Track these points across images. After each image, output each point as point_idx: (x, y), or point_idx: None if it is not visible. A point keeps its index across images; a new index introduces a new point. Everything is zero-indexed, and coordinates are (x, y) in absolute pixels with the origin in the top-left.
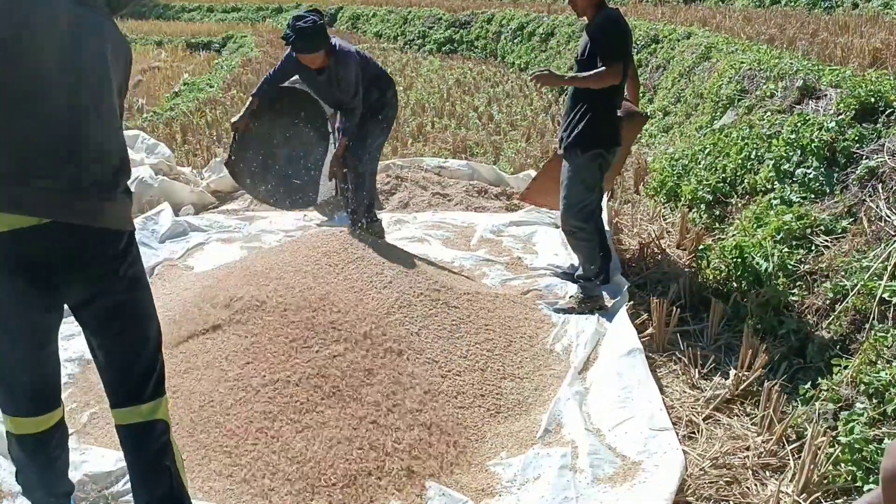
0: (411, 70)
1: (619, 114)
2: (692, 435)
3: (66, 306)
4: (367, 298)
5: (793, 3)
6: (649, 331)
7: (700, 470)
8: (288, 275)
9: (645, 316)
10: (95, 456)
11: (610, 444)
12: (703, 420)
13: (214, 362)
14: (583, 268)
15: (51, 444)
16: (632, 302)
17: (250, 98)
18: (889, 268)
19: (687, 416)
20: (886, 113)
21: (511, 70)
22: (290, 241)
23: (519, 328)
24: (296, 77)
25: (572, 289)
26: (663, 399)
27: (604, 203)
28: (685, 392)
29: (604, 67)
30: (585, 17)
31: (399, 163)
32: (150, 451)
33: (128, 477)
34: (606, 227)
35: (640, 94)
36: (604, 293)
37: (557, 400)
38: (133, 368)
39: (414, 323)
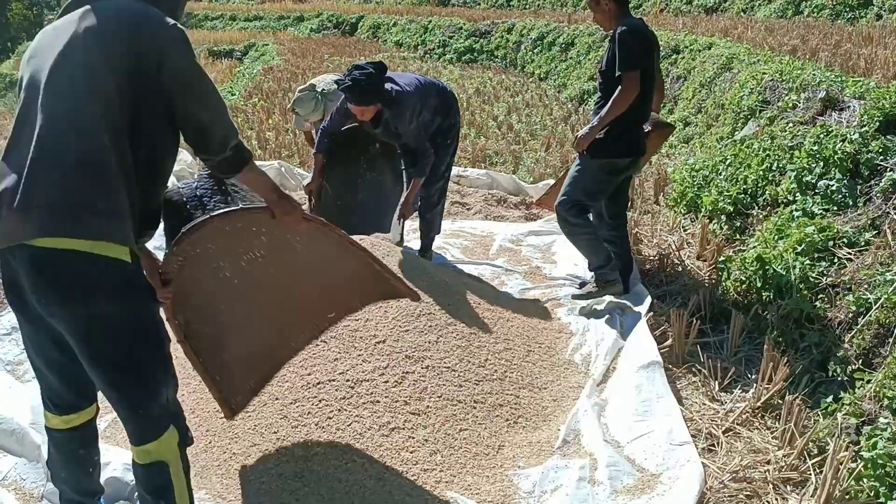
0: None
1: (646, 126)
2: (712, 448)
3: None
4: (388, 306)
5: (815, 14)
6: (669, 342)
7: (720, 483)
8: None
9: (665, 327)
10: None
11: (629, 456)
12: (723, 433)
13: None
14: (589, 261)
15: (74, 443)
16: (651, 313)
17: (314, 157)
18: None
19: (707, 428)
20: None
21: (531, 79)
22: None
23: (538, 338)
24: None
25: (589, 297)
26: (683, 411)
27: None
28: (705, 405)
29: (618, 90)
30: (606, 29)
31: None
32: (144, 490)
33: None
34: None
35: (661, 105)
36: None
37: (576, 411)
38: (117, 406)
39: (433, 332)
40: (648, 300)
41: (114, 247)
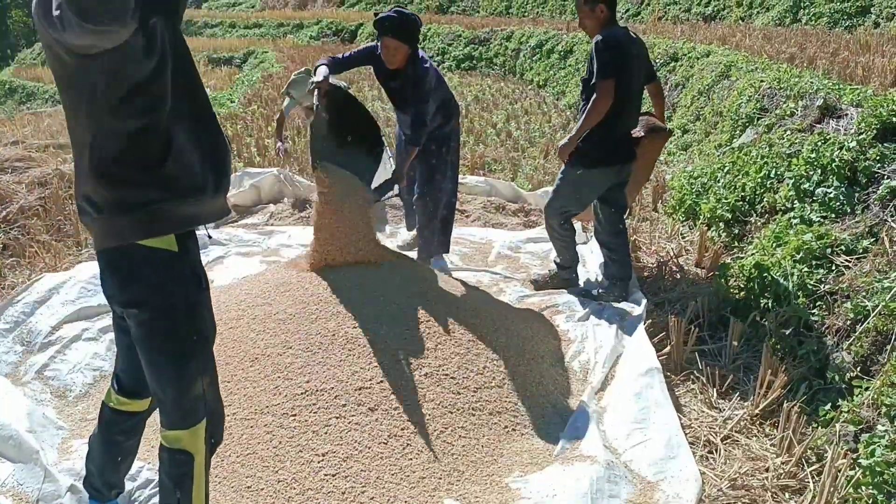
0: None
1: (636, 131)
2: (710, 455)
3: None
4: (385, 312)
5: (813, 22)
6: (667, 349)
7: (718, 490)
8: (305, 289)
9: (663, 334)
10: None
11: (627, 463)
12: (722, 440)
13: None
14: (561, 259)
15: (118, 426)
16: (650, 320)
17: (319, 65)
18: None
19: (705, 436)
20: None
21: (530, 87)
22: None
23: (536, 345)
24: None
25: (591, 305)
26: (681, 419)
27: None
28: (703, 412)
29: (592, 99)
30: (590, 37)
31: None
32: (166, 476)
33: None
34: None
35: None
36: (578, 278)
37: (575, 418)
38: (155, 390)
39: (431, 339)
40: (646, 307)
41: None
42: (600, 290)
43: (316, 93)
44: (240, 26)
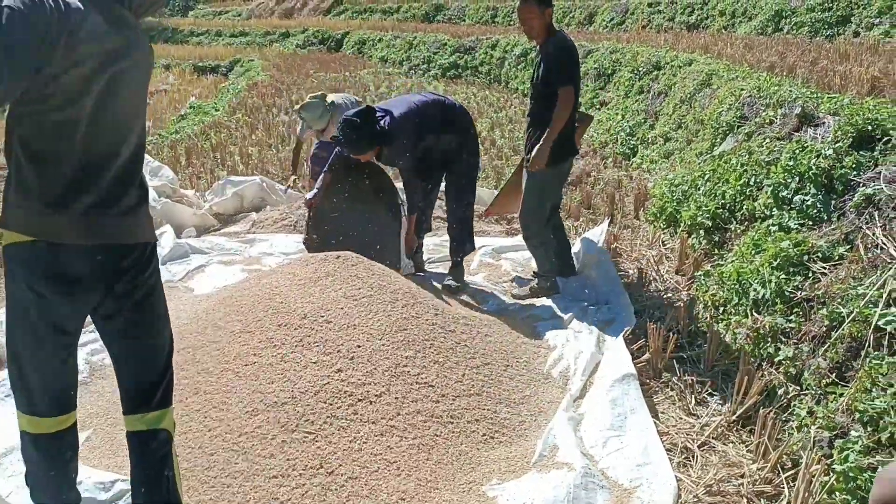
0: None
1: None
2: (687, 462)
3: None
4: (365, 320)
5: (795, 32)
6: (646, 356)
7: (694, 497)
8: (287, 295)
9: (642, 341)
10: (89, 483)
11: (604, 470)
12: (699, 447)
13: (213, 380)
14: (539, 267)
15: (64, 446)
16: (629, 327)
17: (323, 173)
18: (884, 295)
19: (682, 442)
20: (883, 141)
21: (514, 95)
22: (289, 263)
23: (516, 353)
24: None
25: (574, 311)
26: (658, 425)
27: (604, 226)
28: (681, 418)
29: (558, 105)
30: (536, 40)
31: (400, 186)
32: (153, 459)
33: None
34: (605, 250)
35: (643, 121)
36: (559, 283)
37: (553, 425)
38: (146, 376)
39: (411, 347)
40: (632, 315)
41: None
42: (532, 286)
43: (307, 215)
44: (226, 35)
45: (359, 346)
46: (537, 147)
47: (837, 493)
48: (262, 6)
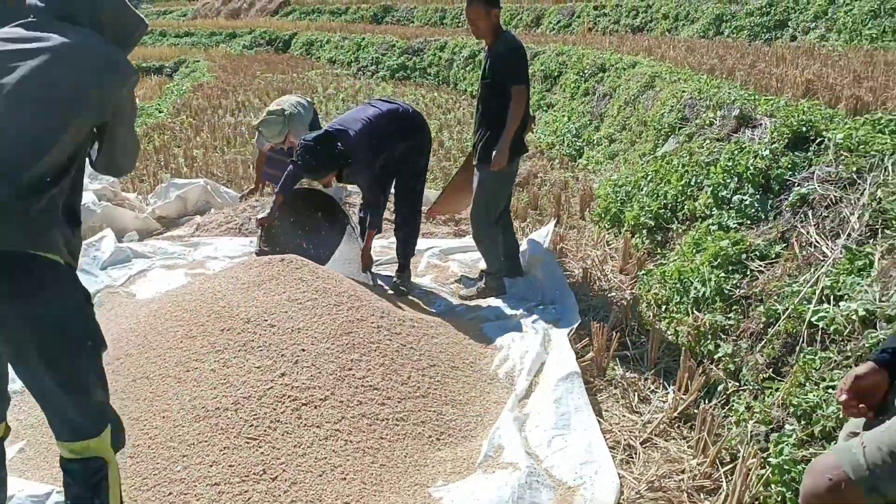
0: (364, 96)
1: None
2: (630, 459)
3: None
4: (309, 324)
5: (735, 35)
6: (590, 355)
7: (636, 493)
8: (230, 299)
9: (586, 340)
10: (22, 496)
11: (548, 469)
12: (641, 444)
13: (156, 388)
14: (489, 266)
15: None
16: (574, 326)
17: (276, 194)
18: (817, 292)
19: (625, 440)
20: (816, 142)
21: (463, 97)
22: (233, 267)
23: (462, 354)
24: None
25: (520, 311)
26: (602, 423)
27: (550, 227)
28: (624, 416)
29: (513, 104)
30: (485, 40)
31: (348, 188)
32: (83, 487)
33: None
34: (551, 250)
35: (588, 122)
36: (505, 283)
37: (498, 426)
38: (57, 412)
39: (356, 350)
40: (577, 315)
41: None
42: (479, 286)
43: (259, 232)
44: (170, 35)
45: (303, 350)
46: (497, 147)
47: (773, 486)
48: (207, 6)
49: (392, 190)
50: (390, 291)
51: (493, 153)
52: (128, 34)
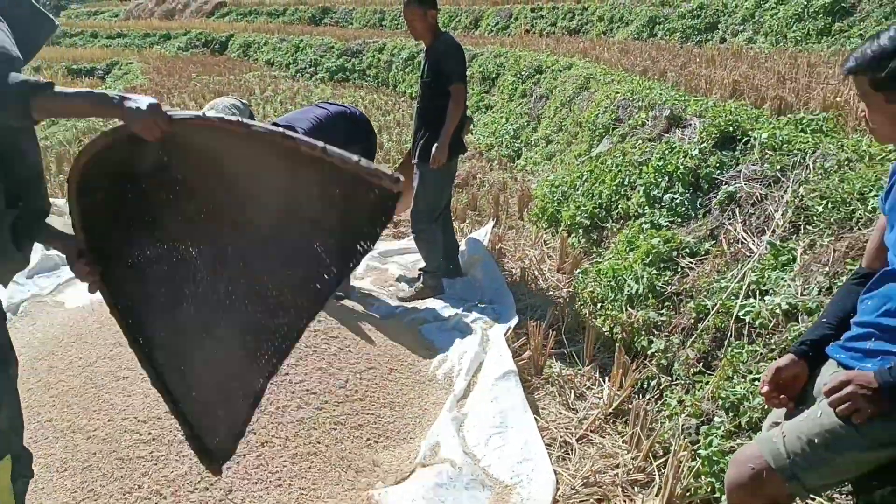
0: (302, 98)
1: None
2: (566, 455)
3: None
4: None
5: (668, 37)
6: (527, 354)
7: (571, 489)
8: None
9: (524, 339)
10: None
11: (485, 468)
12: (577, 440)
13: (83, 399)
14: (427, 263)
15: None
16: (512, 325)
17: None
18: (744, 288)
19: (561, 437)
20: (743, 141)
21: (403, 98)
22: None
23: (401, 356)
24: None
25: (459, 312)
26: (539, 421)
27: (489, 227)
28: (561, 413)
29: (452, 102)
30: (423, 41)
31: None
32: None
33: None
34: (489, 250)
35: (526, 124)
36: (444, 284)
37: (437, 426)
38: None
39: (293, 355)
40: (515, 314)
41: None
42: (418, 286)
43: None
44: (102, 36)
45: None
46: (437, 144)
47: (703, 477)
48: (140, 7)
49: None
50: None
51: (433, 150)
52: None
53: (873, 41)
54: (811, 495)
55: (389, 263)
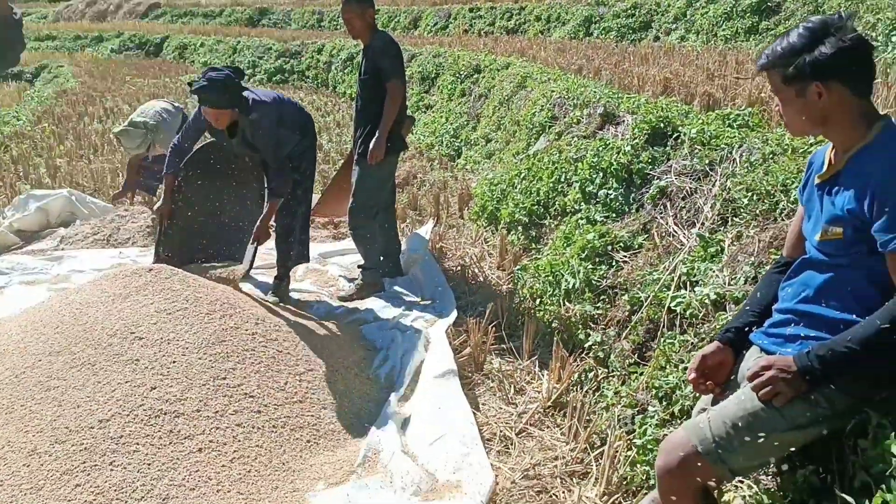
0: None
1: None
2: (506, 450)
3: None
4: (180, 334)
5: (603, 36)
6: (468, 350)
7: (511, 483)
8: (95, 312)
9: (464, 336)
10: None
11: (425, 466)
12: (517, 434)
13: (20, 411)
14: (365, 260)
15: None
16: (451, 321)
17: (164, 177)
18: (675, 279)
19: (501, 431)
20: (673, 137)
21: (343, 100)
22: (97, 279)
23: (342, 357)
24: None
25: (399, 311)
26: (479, 416)
27: (429, 226)
28: (501, 408)
29: (389, 99)
30: (361, 40)
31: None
32: None
33: None
34: (430, 249)
35: (466, 123)
36: (385, 283)
37: (377, 427)
38: None
39: (230, 359)
40: (454, 311)
41: None
42: (358, 282)
43: (159, 227)
44: (30, 38)
45: (174, 362)
46: (374, 140)
47: (638, 465)
48: (70, 9)
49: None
50: (269, 298)
51: (370, 146)
52: None
53: (783, 38)
54: (737, 477)
55: (329, 265)
